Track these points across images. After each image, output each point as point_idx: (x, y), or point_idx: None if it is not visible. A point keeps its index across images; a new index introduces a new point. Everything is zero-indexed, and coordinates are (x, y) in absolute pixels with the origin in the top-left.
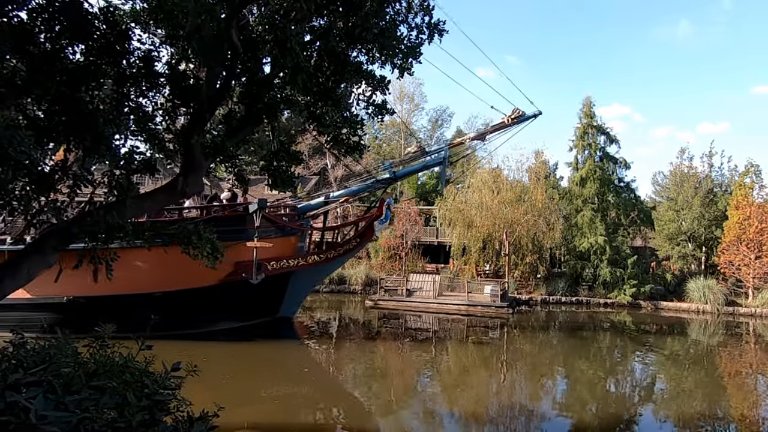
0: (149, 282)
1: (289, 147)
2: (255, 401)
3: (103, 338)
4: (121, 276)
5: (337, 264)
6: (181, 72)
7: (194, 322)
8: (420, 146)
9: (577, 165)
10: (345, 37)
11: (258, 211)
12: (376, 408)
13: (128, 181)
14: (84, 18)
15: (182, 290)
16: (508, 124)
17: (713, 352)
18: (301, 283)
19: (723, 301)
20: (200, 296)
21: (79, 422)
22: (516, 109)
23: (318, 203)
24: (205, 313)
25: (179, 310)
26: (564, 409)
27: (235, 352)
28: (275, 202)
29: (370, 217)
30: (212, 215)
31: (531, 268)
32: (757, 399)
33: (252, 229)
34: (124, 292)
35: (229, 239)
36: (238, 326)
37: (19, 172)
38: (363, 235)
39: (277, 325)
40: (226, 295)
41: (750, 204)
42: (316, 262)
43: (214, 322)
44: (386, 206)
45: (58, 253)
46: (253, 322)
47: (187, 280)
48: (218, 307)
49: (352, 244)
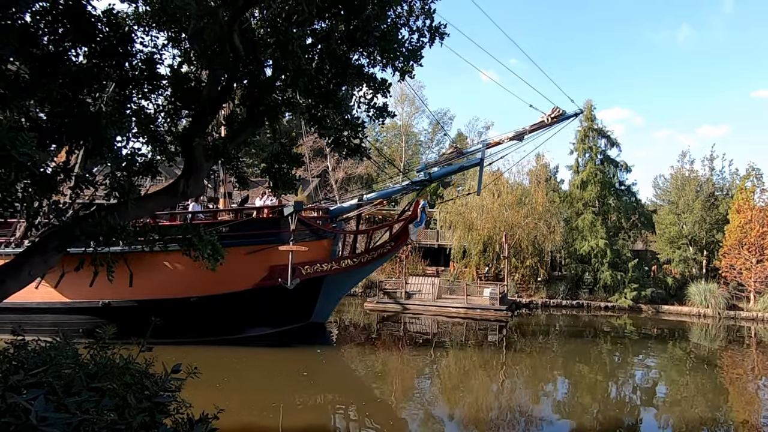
0: (185, 286)
1: (290, 149)
2: (254, 406)
3: (104, 339)
4: (157, 280)
5: (371, 268)
6: (183, 74)
7: (228, 327)
8: (456, 147)
9: (577, 168)
10: (346, 40)
11: (294, 214)
12: (374, 411)
13: (130, 183)
14: (87, 20)
15: (217, 295)
16: (547, 123)
17: (714, 356)
18: (333, 288)
19: (724, 305)
20: (235, 301)
21: (80, 424)
22: (555, 107)
23: (351, 206)
24: (239, 319)
25: (214, 315)
26: (563, 414)
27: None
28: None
29: (405, 220)
30: (245, 219)
31: (531, 271)
32: (759, 404)
33: (286, 233)
34: (159, 296)
35: (263, 243)
36: (271, 332)
37: (22, 174)
38: (398, 239)
39: (311, 331)
40: (260, 300)
41: (751, 208)
42: (349, 266)
43: (248, 328)
44: (421, 209)
45: (60, 254)
46: (286, 328)
47: (222, 285)
48: (252, 312)
49: (387, 248)
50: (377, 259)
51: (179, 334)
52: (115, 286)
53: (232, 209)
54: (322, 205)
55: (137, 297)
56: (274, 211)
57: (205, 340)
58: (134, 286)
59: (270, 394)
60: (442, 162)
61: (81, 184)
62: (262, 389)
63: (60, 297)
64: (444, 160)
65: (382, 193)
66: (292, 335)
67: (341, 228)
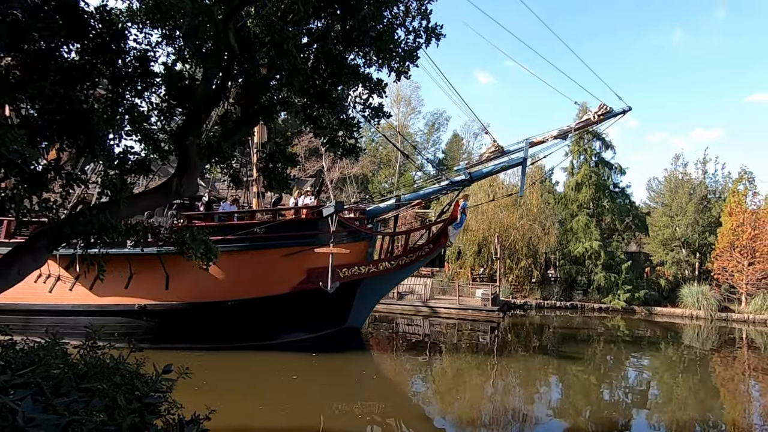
0: (221, 289)
1: (285, 148)
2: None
3: (94, 340)
4: (194, 283)
5: (409, 272)
6: (177, 72)
7: (264, 332)
8: (498, 146)
9: (572, 170)
10: (342, 40)
11: (334, 215)
12: (364, 411)
13: (122, 182)
14: (80, 17)
15: (255, 298)
16: (594, 120)
17: (706, 357)
18: (370, 292)
19: (716, 307)
20: (272, 305)
21: (68, 425)
22: (602, 104)
23: (388, 206)
24: (276, 324)
25: (250, 319)
26: (556, 414)
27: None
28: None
29: (444, 221)
30: (281, 219)
31: (526, 273)
32: (750, 405)
33: (324, 234)
34: (196, 299)
35: (300, 244)
36: (307, 338)
37: (11, 171)
38: (436, 241)
39: (346, 336)
40: (297, 304)
41: (743, 211)
42: (387, 269)
43: (284, 333)
44: (461, 210)
45: (49, 253)
46: (321, 333)
47: (259, 288)
48: (290, 316)
49: (425, 251)
50: (415, 262)
51: (214, 339)
52: (151, 289)
53: (270, 209)
54: (359, 206)
55: (174, 300)
56: (312, 212)
57: (239, 345)
58: (170, 289)
59: (255, 398)
60: (484, 161)
61: (72, 182)
62: (250, 393)
63: (95, 299)
64: (485, 159)
65: (421, 194)
66: (328, 340)
67: (378, 229)
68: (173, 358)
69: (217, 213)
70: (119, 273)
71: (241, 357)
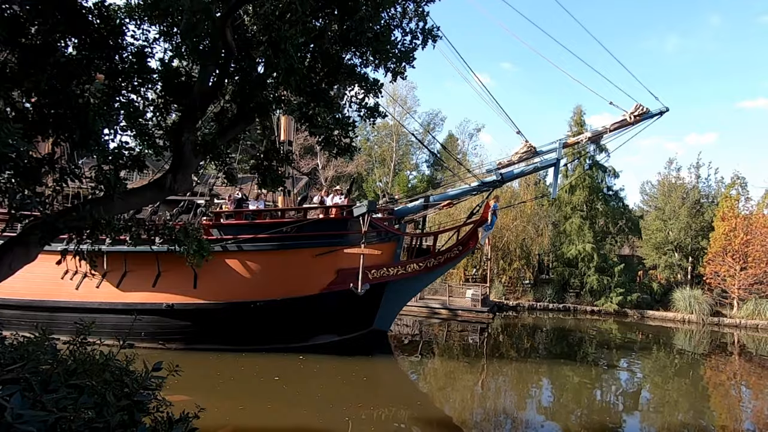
0: (251, 289)
1: (280, 146)
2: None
3: (84, 336)
4: (223, 282)
5: (437, 274)
6: (174, 69)
7: (294, 334)
8: (530, 146)
9: (566, 172)
10: (339, 40)
11: (366, 215)
12: (354, 412)
13: (116, 177)
14: (78, 12)
15: (283, 299)
16: (630, 122)
17: (698, 362)
18: (397, 294)
19: (708, 312)
20: (302, 306)
21: (56, 422)
22: (638, 105)
23: (416, 206)
24: (306, 325)
25: (280, 321)
26: (549, 417)
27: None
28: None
29: (474, 223)
30: (308, 218)
31: (518, 274)
32: (740, 410)
33: (354, 234)
34: (225, 299)
35: (330, 244)
36: (338, 340)
37: (5, 164)
38: (466, 243)
39: (374, 340)
40: (327, 306)
41: (736, 216)
42: (415, 270)
43: (314, 336)
44: (492, 212)
45: (41, 247)
46: (349, 335)
47: (289, 288)
48: (320, 318)
49: (454, 252)
50: (444, 264)
51: (246, 340)
52: (179, 288)
53: (299, 208)
54: (388, 206)
55: (202, 300)
56: (342, 211)
57: (269, 347)
58: (199, 288)
59: (245, 399)
60: (516, 162)
61: (66, 177)
62: (240, 394)
63: (122, 297)
64: (517, 159)
65: (450, 194)
66: (354, 343)
67: (405, 230)
68: (177, 359)
69: (246, 211)
70: (147, 271)
71: (241, 358)
